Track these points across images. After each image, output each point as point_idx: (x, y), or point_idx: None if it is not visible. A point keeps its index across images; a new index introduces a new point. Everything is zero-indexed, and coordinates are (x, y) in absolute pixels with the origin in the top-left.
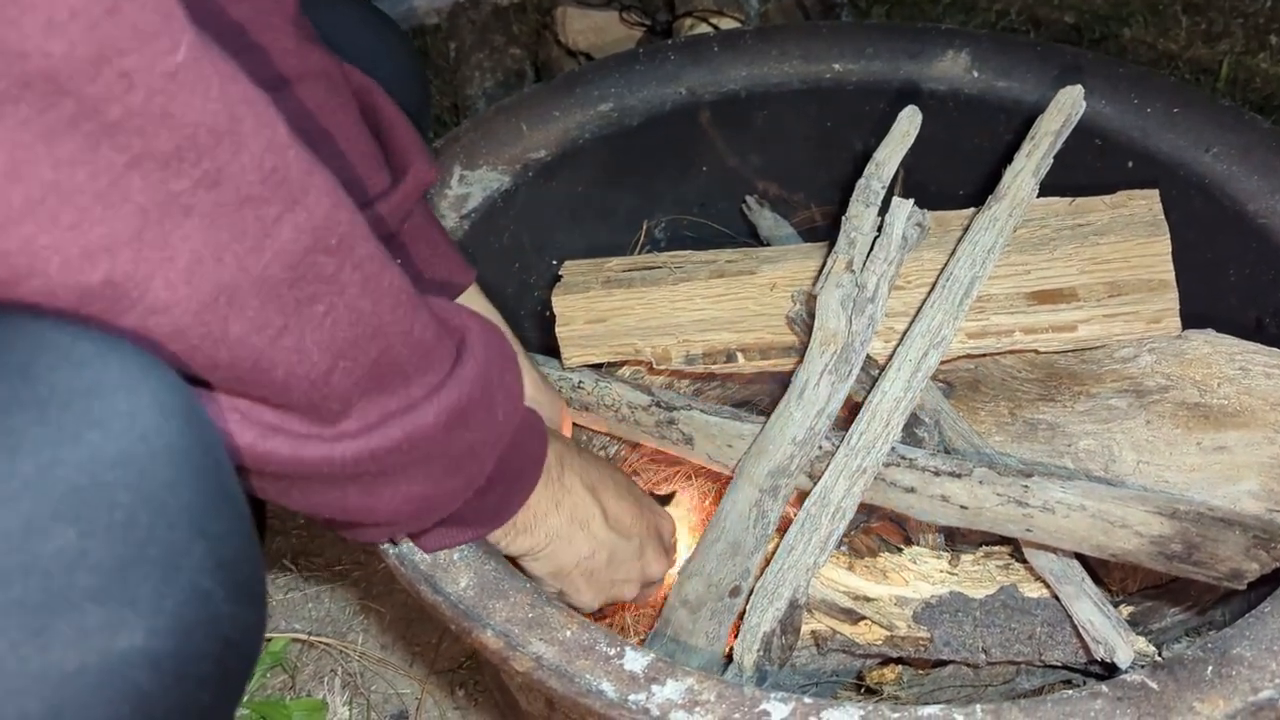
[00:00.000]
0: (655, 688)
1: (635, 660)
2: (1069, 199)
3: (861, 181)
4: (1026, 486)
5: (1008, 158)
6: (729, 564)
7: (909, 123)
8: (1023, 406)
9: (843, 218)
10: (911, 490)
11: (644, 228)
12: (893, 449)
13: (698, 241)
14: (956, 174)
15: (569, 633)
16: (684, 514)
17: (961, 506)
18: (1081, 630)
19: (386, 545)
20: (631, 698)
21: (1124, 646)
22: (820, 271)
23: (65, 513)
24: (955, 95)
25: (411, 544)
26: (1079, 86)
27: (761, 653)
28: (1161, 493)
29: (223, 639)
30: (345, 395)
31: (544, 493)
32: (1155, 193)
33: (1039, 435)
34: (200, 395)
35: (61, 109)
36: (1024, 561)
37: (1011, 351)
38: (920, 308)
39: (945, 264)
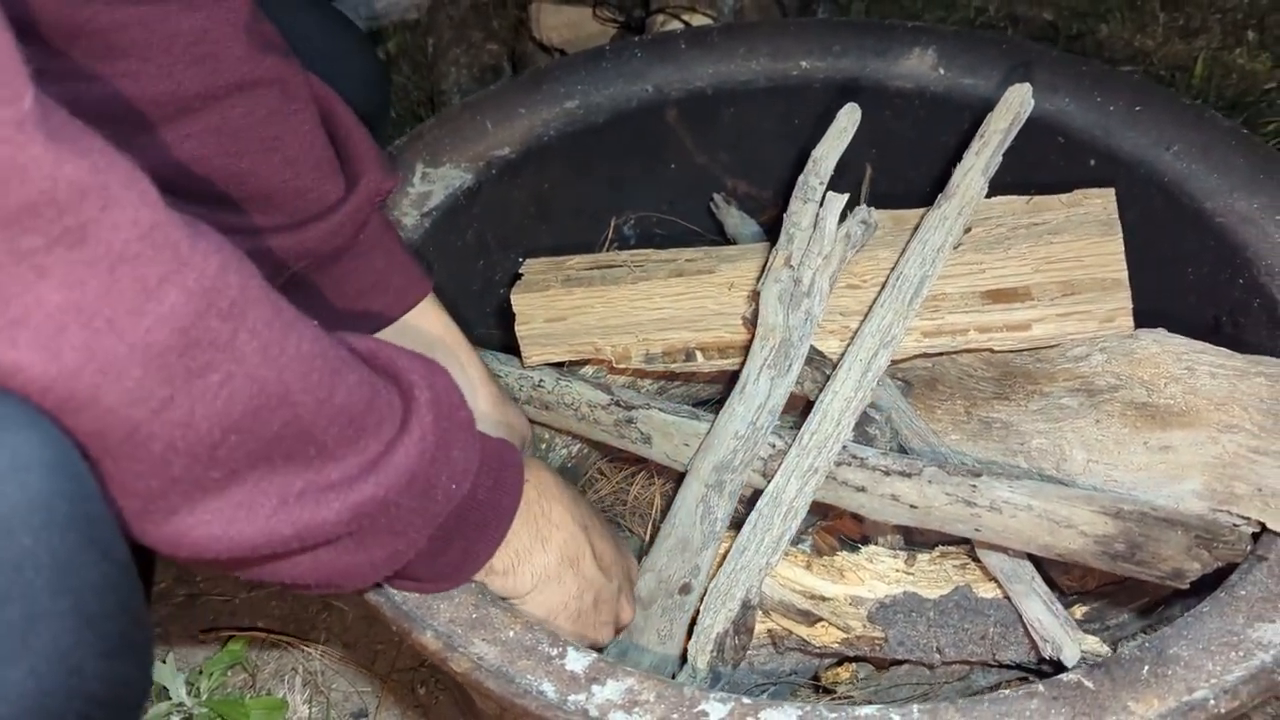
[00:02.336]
0: (595, 688)
1: (576, 661)
2: (1026, 197)
3: (801, 178)
4: (974, 486)
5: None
6: (678, 560)
7: (847, 119)
8: (978, 405)
9: (784, 214)
10: (862, 489)
11: (612, 225)
12: (844, 448)
13: (666, 239)
14: (923, 171)
15: (512, 633)
16: None
17: (911, 505)
18: (1030, 629)
19: None
20: (571, 698)
21: (1071, 645)
22: (763, 269)
23: None
24: (921, 93)
25: None
26: (1027, 85)
27: (715, 653)
28: (1108, 492)
29: (88, 697)
30: (231, 468)
31: (525, 531)
32: (1111, 192)
33: (994, 434)
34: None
35: None
36: (980, 562)
37: (967, 350)
38: (871, 306)
39: (896, 262)
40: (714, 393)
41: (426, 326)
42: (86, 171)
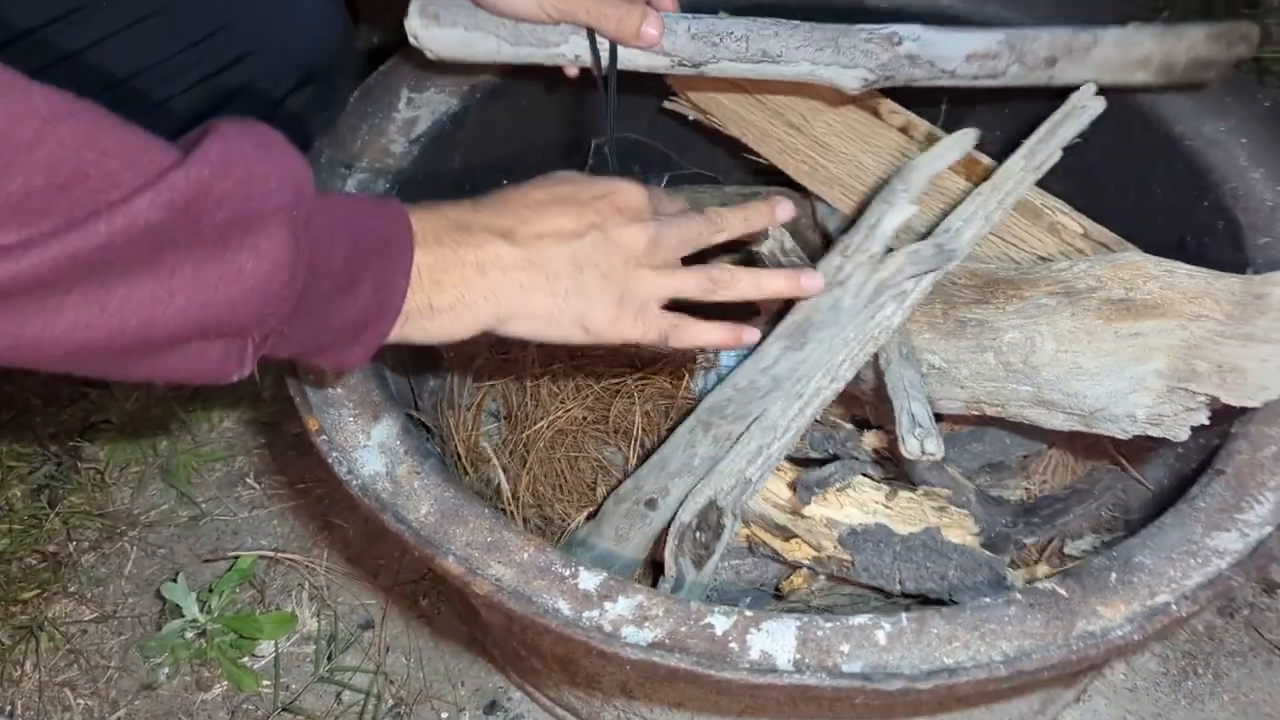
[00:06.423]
0: (608, 604)
1: (589, 580)
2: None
3: (892, 179)
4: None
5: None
6: (653, 476)
7: (957, 143)
8: (956, 307)
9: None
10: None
11: (592, 145)
12: None
13: (645, 163)
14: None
15: (526, 555)
16: None
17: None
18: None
19: (348, 476)
20: (585, 614)
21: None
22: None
23: None
24: (938, 17)
25: (372, 472)
26: (1091, 86)
27: (676, 544)
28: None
29: None
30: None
31: (446, 260)
32: None
33: (967, 332)
34: None
35: None
36: (962, 508)
37: None
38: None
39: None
40: None
41: None
42: None
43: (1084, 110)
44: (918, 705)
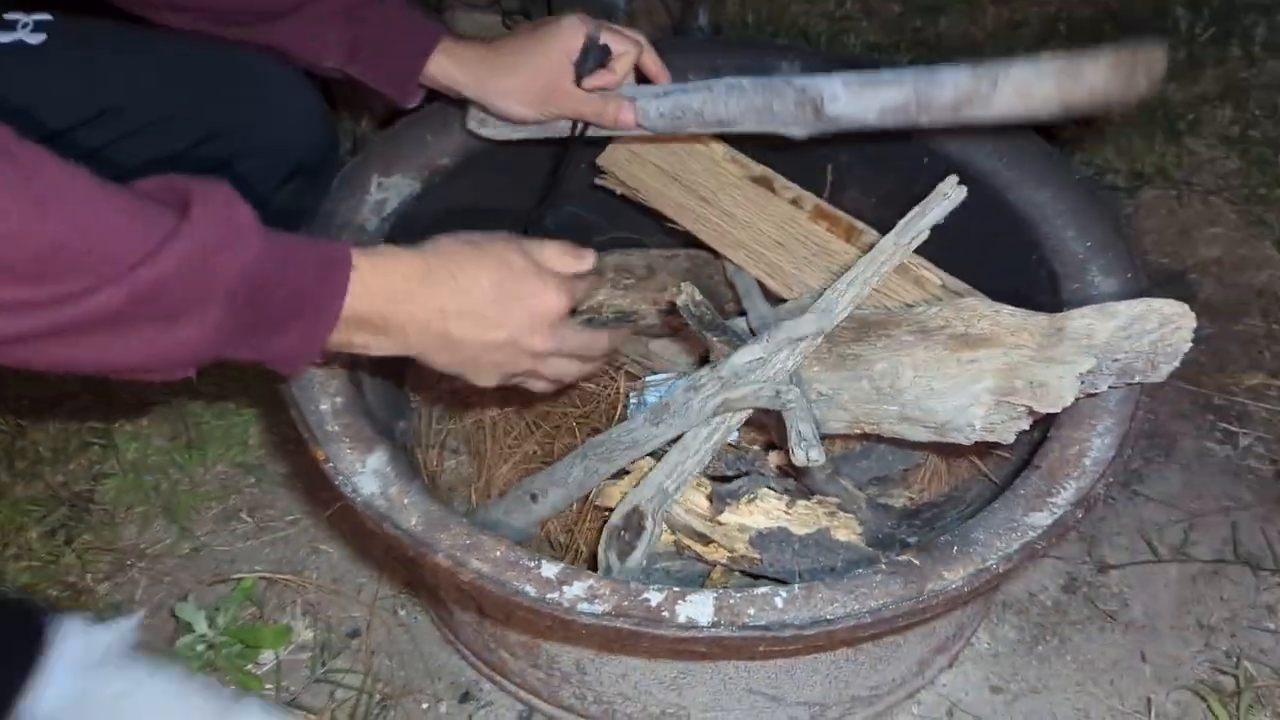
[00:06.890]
0: (565, 588)
1: (549, 569)
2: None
3: (769, 317)
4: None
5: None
6: (540, 479)
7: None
8: (838, 345)
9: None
10: None
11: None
12: None
13: (581, 229)
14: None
15: (499, 553)
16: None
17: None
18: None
19: (352, 494)
20: (548, 595)
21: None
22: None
23: None
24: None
25: (370, 492)
26: (954, 177)
27: (606, 541)
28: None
29: None
30: None
31: (379, 316)
32: None
33: (847, 364)
34: None
35: None
36: (850, 513)
37: None
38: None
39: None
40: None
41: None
42: None
43: (948, 198)
44: (812, 648)
